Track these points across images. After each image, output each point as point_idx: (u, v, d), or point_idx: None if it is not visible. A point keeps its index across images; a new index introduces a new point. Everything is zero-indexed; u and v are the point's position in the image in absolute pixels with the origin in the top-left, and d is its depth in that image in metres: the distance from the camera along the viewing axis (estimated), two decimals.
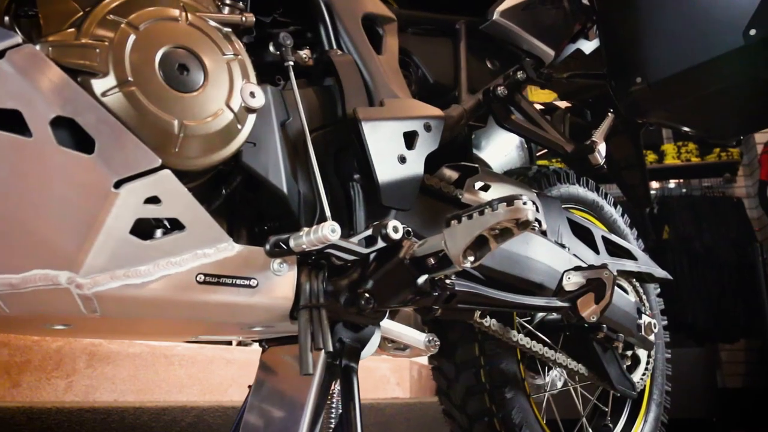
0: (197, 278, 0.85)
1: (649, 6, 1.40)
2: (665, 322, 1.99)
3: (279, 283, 0.92)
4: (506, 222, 0.93)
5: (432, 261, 1.01)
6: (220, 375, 2.77)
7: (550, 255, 1.41)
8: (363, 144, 1.05)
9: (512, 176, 1.68)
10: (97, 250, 0.76)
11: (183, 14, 0.85)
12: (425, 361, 4.04)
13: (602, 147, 1.43)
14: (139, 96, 0.78)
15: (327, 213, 0.98)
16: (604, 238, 1.70)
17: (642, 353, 1.79)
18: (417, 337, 1.32)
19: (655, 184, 5.24)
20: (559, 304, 1.34)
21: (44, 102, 0.70)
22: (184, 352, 2.63)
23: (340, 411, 1.13)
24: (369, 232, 1.00)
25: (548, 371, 1.73)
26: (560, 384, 1.76)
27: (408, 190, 1.10)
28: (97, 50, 0.76)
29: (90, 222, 0.75)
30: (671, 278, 1.87)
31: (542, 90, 2.74)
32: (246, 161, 0.92)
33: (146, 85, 0.79)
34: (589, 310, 1.36)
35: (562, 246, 1.49)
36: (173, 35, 0.83)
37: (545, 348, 1.48)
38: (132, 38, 0.79)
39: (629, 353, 1.76)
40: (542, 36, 1.55)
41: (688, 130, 1.62)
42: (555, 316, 1.62)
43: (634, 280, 1.83)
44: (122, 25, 0.79)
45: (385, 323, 1.20)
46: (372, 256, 1.03)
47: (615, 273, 1.37)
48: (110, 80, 0.77)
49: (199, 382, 2.68)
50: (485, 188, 1.38)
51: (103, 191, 0.74)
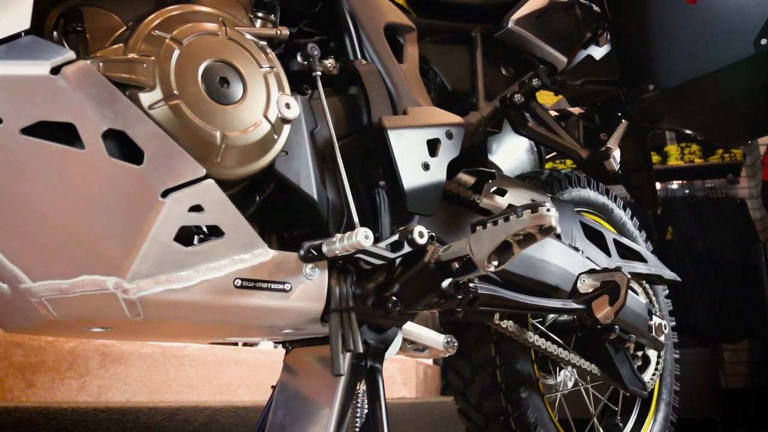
0: (235, 283, 0.88)
1: (662, 15, 1.44)
2: (673, 323, 2.02)
3: (311, 287, 0.96)
4: (530, 228, 0.97)
5: (456, 265, 1.04)
6: (230, 375, 2.80)
7: (565, 258, 1.44)
8: (389, 152, 1.08)
9: (525, 180, 1.71)
10: (143, 257, 0.80)
11: (222, 29, 0.89)
12: (430, 362, 4.08)
13: (617, 153, 1.47)
14: (184, 108, 0.81)
15: (355, 219, 1.01)
16: (616, 241, 1.73)
17: (652, 353, 1.83)
18: (436, 339, 1.35)
19: (659, 185, 5.26)
20: (575, 306, 1.38)
21: (97, 115, 0.74)
22: (195, 353, 2.66)
23: (365, 410, 1.17)
24: (396, 238, 1.03)
25: (559, 371, 1.77)
26: (570, 384, 1.79)
27: (432, 197, 1.13)
28: (144, 65, 0.80)
29: (137, 230, 0.78)
30: (680, 280, 1.91)
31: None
32: (279, 169, 0.95)
33: (190, 98, 0.82)
34: (604, 312, 1.39)
35: (576, 249, 1.52)
36: (214, 49, 0.87)
37: (559, 349, 1.51)
38: (176, 53, 0.82)
39: (640, 353, 1.80)
40: (555, 43, 1.58)
41: (698, 135, 1.66)
42: (566, 318, 1.65)
43: (644, 282, 1.87)
44: (167, 41, 0.82)
45: (406, 325, 1.23)
46: (397, 261, 1.07)
47: (629, 276, 1.40)
48: (157, 94, 0.80)
49: (209, 383, 2.71)
50: (501, 193, 1.41)
51: (151, 200, 0.77)
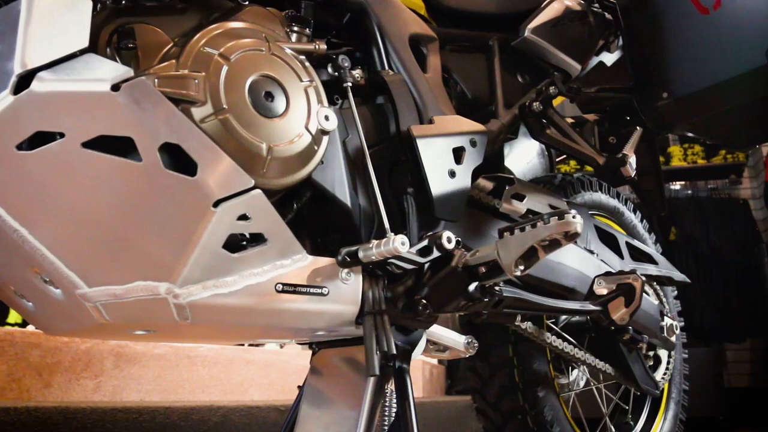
0: (276, 287, 0.92)
1: (675, 25, 1.48)
2: (682, 324, 2.07)
3: (347, 291, 1.00)
4: (556, 234, 1.01)
5: (483, 269, 1.08)
6: (240, 375, 2.83)
7: (581, 261, 1.49)
8: (418, 160, 1.12)
9: (539, 184, 1.75)
10: (193, 263, 0.84)
11: (266, 44, 0.93)
12: (435, 362, 4.12)
13: (633, 159, 1.51)
14: (233, 122, 0.85)
15: (386, 225, 1.05)
16: (628, 244, 1.77)
17: (663, 353, 1.87)
18: (457, 339, 1.39)
19: None
20: (592, 308, 1.42)
21: (154, 130, 0.78)
22: (206, 353, 2.70)
23: (393, 409, 1.21)
24: (425, 243, 1.07)
25: (570, 371, 1.81)
26: (582, 383, 1.83)
27: (457, 203, 1.17)
28: (196, 81, 0.84)
29: (189, 238, 0.82)
30: (689, 282, 1.95)
31: None
32: (315, 178, 0.99)
33: (238, 112, 0.86)
34: (620, 313, 1.44)
35: (591, 252, 1.56)
36: (259, 65, 0.91)
37: (575, 349, 1.56)
38: (225, 69, 0.87)
39: (651, 353, 1.84)
40: (569, 50, 1.62)
41: (706, 140, 1.70)
42: (578, 319, 1.69)
43: (655, 284, 1.91)
44: (215, 57, 0.87)
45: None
46: (426, 265, 1.11)
47: (644, 279, 1.45)
48: (208, 108, 0.84)
49: (221, 383, 2.74)
50: (520, 198, 1.45)
51: (204, 210, 0.81)
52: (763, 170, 4.79)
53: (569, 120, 1.62)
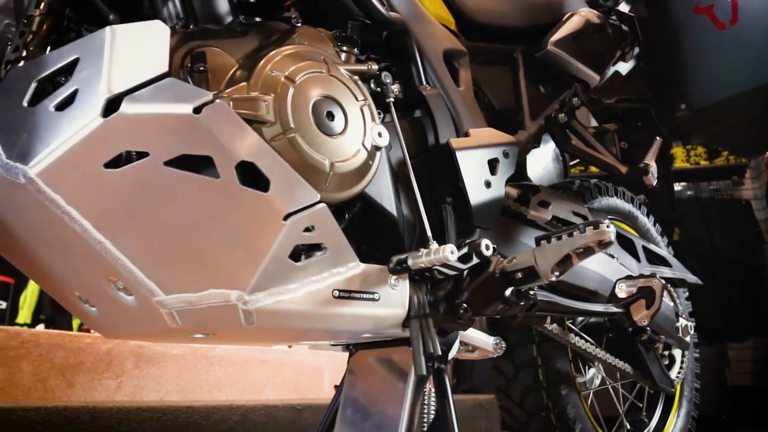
0: (333, 294, 0.99)
1: (693, 39, 1.54)
2: (694, 324, 2.13)
3: (395, 296, 1.06)
4: (591, 242, 1.08)
5: (519, 275, 1.15)
6: (256, 375, 2.89)
7: (603, 265, 1.55)
8: (457, 171, 1.19)
9: (558, 190, 1.82)
10: (262, 272, 0.90)
11: (325, 66, 0.99)
12: None
13: (654, 168, 1.58)
14: (300, 141, 0.92)
15: (428, 234, 1.12)
16: (644, 247, 1.84)
17: (677, 353, 1.94)
18: (486, 340, 1.45)
19: None
20: (615, 310, 1.49)
21: (232, 149, 0.84)
22: (223, 354, 2.75)
23: (432, 407, 1.27)
24: (465, 250, 1.14)
25: (587, 370, 1.88)
26: (598, 382, 1.90)
27: (493, 212, 1.24)
28: (265, 102, 0.90)
29: (260, 248, 0.88)
30: (702, 284, 2.02)
31: None
32: (367, 191, 1.06)
33: (304, 131, 0.93)
34: (641, 315, 1.51)
35: (611, 256, 1.63)
36: (320, 86, 0.97)
37: (597, 349, 1.62)
38: (291, 91, 0.93)
39: (666, 353, 1.91)
40: (589, 62, 1.69)
41: (720, 148, 1.77)
42: (596, 320, 1.76)
43: (669, 286, 1.98)
44: (282, 80, 0.93)
45: None
46: (465, 271, 1.17)
47: (663, 282, 1.51)
48: (277, 128, 0.91)
49: (237, 382, 2.80)
50: (546, 205, 1.52)
51: (275, 223, 0.88)
52: (765, 171, 4.87)
53: (590, 129, 1.68)
